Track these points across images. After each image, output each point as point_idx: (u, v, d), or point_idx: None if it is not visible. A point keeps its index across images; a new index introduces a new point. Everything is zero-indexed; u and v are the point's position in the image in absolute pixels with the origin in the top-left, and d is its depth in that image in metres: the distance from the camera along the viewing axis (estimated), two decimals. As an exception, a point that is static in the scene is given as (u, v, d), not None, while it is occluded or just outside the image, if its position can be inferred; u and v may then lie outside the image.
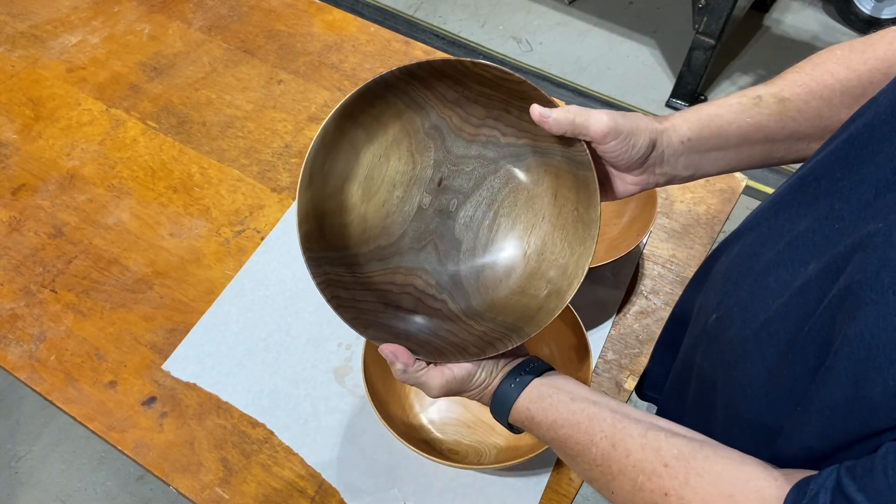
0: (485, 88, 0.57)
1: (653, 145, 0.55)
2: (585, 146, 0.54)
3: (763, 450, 0.46)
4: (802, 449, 0.42)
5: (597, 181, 0.55)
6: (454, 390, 0.57)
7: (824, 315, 0.40)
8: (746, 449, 0.47)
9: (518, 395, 0.55)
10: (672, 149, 0.56)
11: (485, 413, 0.80)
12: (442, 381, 0.56)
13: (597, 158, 0.56)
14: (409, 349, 0.56)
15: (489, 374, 0.57)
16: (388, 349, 0.56)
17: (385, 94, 0.57)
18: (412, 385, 0.58)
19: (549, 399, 0.53)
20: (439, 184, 0.62)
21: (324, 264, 0.57)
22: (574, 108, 0.53)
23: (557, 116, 0.53)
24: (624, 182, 0.58)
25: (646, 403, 1.25)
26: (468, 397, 0.59)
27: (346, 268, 0.60)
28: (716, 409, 0.53)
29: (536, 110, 0.53)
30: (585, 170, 0.55)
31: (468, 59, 0.54)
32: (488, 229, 0.63)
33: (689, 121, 0.56)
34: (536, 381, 0.55)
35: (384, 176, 0.61)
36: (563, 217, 0.59)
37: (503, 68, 0.54)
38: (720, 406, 0.53)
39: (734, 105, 0.56)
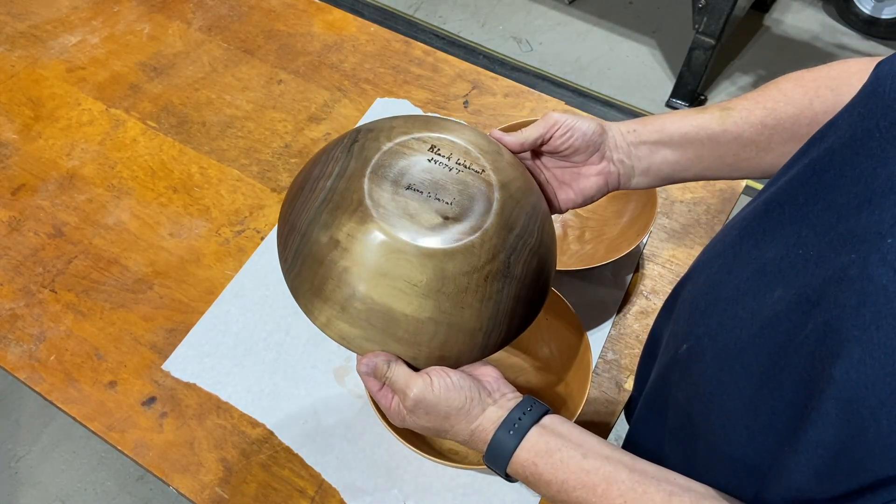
0: None
1: (601, 127, 0.63)
2: None
3: (748, 488, 0.45)
4: (792, 490, 0.40)
5: None
6: (432, 409, 0.53)
7: (801, 350, 0.39)
8: (731, 485, 0.46)
9: (518, 444, 0.51)
10: (621, 135, 0.63)
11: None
12: (421, 385, 0.53)
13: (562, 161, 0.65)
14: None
15: (478, 400, 0.53)
16: (379, 356, 0.57)
17: None
18: (393, 389, 0.55)
19: (558, 454, 0.50)
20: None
21: None
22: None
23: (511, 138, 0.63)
24: (586, 177, 0.64)
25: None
26: (456, 436, 0.54)
27: None
28: (696, 442, 0.52)
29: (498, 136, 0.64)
30: None
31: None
32: None
33: (634, 120, 0.64)
34: (537, 430, 0.52)
35: None
36: None
37: None
38: (701, 438, 0.51)
39: (678, 112, 0.64)
